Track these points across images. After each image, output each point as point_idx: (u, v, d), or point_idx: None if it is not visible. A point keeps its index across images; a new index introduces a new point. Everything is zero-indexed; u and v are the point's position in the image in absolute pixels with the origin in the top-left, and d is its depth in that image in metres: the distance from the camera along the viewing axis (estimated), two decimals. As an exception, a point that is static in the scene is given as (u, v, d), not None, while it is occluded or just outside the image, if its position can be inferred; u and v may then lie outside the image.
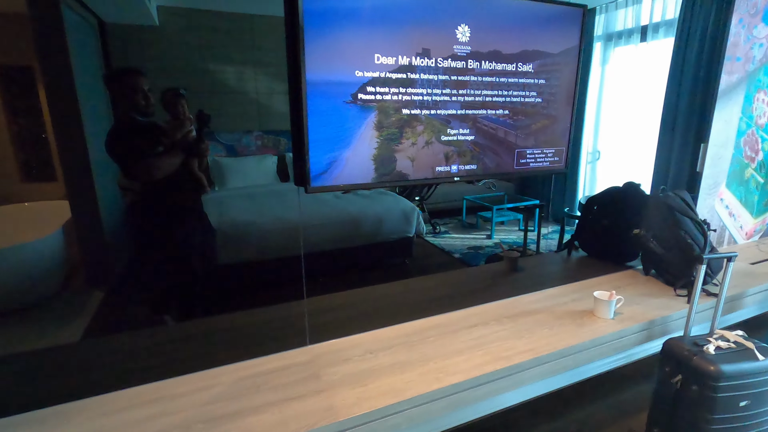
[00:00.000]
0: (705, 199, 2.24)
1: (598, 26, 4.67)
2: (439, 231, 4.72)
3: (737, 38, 2.02)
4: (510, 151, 1.49)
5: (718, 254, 1.53)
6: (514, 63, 1.39)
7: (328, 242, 3.39)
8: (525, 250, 3.10)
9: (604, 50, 4.69)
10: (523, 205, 4.63)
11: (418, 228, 3.86)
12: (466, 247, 4.23)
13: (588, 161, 5.07)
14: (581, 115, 4.91)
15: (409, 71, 1.23)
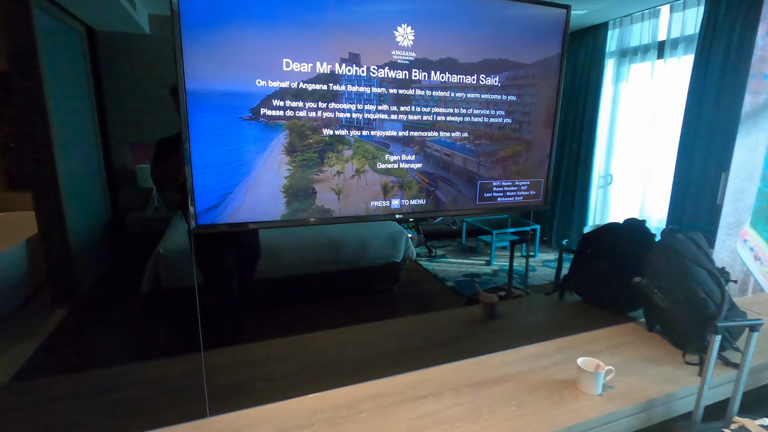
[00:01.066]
0: (725, 240, 1.90)
1: (611, 42, 4.37)
2: (435, 254, 4.41)
3: (764, 52, 1.71)
4: (471, 183, 1.21)
5: (738, 321, 1.20)
6: (475, 74, 1.12)
7: (303, 266, 3.13)
8: (510, 288, 2.78)
9: (618, 67, 4.38)
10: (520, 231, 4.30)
11: (407, 253, 3.57)
12: (461, 274, 3.91)
13: (599, 185, 4.72)
14: (592, 136, 4.59)
15: (331, 81, 0.98)
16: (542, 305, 1.98)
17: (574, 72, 4.79)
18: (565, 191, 4.99)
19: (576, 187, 4.82)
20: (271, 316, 3.01)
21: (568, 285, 1.98)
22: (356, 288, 3.49)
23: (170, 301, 2.91)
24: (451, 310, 1.93)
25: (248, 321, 2.42)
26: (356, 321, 1.59)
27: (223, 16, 0.85)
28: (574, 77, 4.78)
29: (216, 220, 0.92)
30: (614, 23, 4.31)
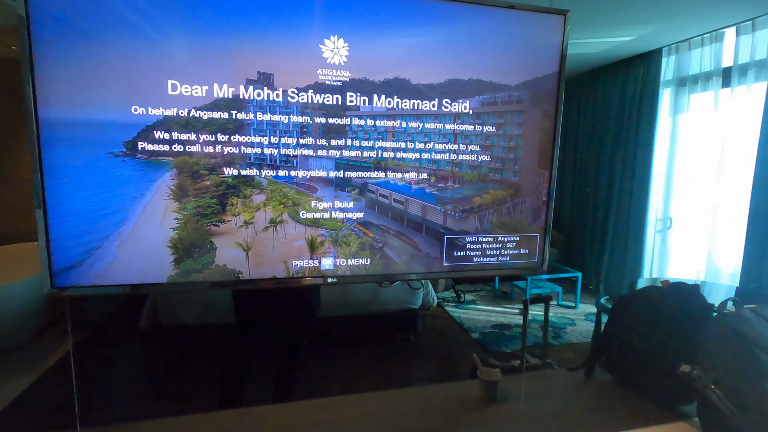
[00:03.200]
0: (816, 316, 1.42)
1: (666, 69, 3.92)
2: (463, 300, 4.02)
3: None
4: (434, 238, 0.93)
5: None
6: (436, 99, 0.86)
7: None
8: (523, 358, 2.34)
9: (676, 97, 3.90)
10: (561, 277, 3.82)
11: (427, 299, 3.24)
12: (490, 325, 3.49)
13: (657, 229, 4.14)
14: (646, 173, 4.07)
15: (234, 108, 0.77)
16: (563, 385, 1.58)
17: (622, 103, 4.35)
18: (616, 235, 4.44)
19: (629, 231, 4.26)
20: (267, 368, 2.78)
21: (598, 360, 1.57)
22: (368, 336, 3.19)
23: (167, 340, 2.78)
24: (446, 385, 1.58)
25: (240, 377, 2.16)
26: (363, 376, 1.30)
27: (86, 25, 0.68)
28: (623, 109, 4.34)
29: (79, 281, 0.73)
30: (669, 49, 3.88)
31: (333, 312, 2.98)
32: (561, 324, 3.55)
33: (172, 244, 0.79)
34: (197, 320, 2.71)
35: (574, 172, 5.12)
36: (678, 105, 3.88)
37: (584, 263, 4.77)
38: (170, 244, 0.79)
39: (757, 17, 2.99)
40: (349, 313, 3.04)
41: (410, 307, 3.16)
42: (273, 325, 1.85)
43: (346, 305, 3.02)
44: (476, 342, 3.23)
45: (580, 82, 4.99)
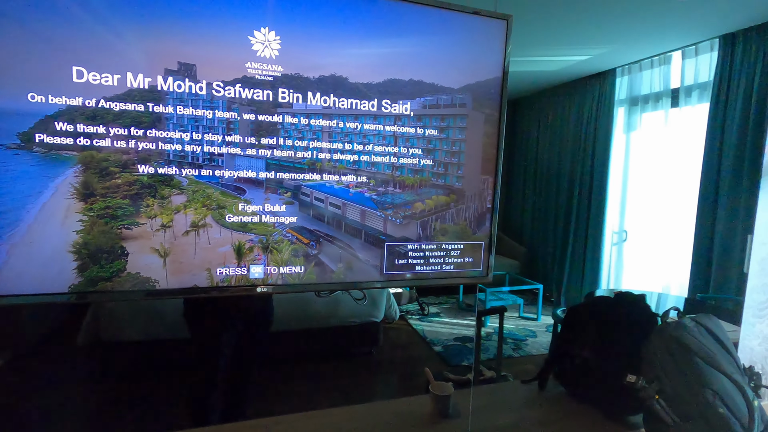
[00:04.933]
0: (754, 324, 1.47)
1: (620, 89, 4.10)
2: (427, 313, 3.99)
3: (788, 90, 1.37)
4: (374, 245, 0.89)
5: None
6: (375, 99, 0.83)
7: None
8: (478, 371, 2.32)
9: (629, 115, 4.08)
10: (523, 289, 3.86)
11: (389, 312, 3.19)
12: (453, 338, 3.47)
13: (614, 242, 4.27)
14: (603, 188, 4.21)
15: (150, 100, 0.71)
16: (516, 398, 1.55)
17: (579, 120, 4.52)
18: (575, 247, 4.55)
19: (587, 244, 4.38)
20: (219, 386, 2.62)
21: (551, 372, 1.56)
22: (328, 351, 3.09)
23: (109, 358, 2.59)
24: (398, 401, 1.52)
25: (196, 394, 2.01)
26: (320, 393, 1.22)
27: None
28: (580, 126, 4.50)
29: (-40, 291, 0.64)
30: (622, 70, 4.06)
31: (291, 326, 2.87)
32: (522, 336, 3.57)
33: (75, 249, 0.70)
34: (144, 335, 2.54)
35: (536, 186, 5.25)
36: (631, 123, 4.06)
37: (546, 275, 4.86)
38: (73, 249, 0.70)
39: (699, 42, 3.18)
40: (308, 327, 2.95)
41: (372, 321, 3.09)
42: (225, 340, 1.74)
43: (305, 318, 2.92)
44: (438, 355, 3.19)
45: (540, 98, 5.15)
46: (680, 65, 3.45)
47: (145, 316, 2.46)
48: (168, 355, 2.53)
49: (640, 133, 3.98)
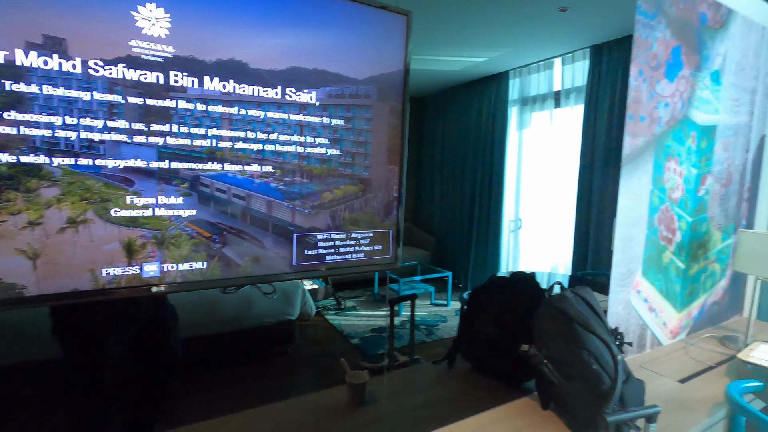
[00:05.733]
0: (619, 292, 1.73)
1: (513, 90, 4.51)
2: (343, 307, 4.00)
3: (639, 93, 1.63)
4: (282, 236, 0.87)
5: (628, 413, 0.94)
6: (279, 87, 0.82)
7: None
8: (392, 356, 2.44)
9: (521, 114, 4.50)
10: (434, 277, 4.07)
11: (305, 309, 3.14)
12: (370, 329, 3.53)
13: (511, 229, 4.70)
14: (500, 180, 4.60)
15: (9, 77, 0.61)
16: (428, 378, 1.65)
17: (479, 118, 4.87)
18: (479, 236, 4.92)
19: (489, 232, 4.76)
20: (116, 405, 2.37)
21: (458, 351, 1.68)
22: (241, 354, 2.95)
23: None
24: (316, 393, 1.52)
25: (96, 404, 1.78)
26: (234, 398, 1.13)
27: None
28: (480, 123, 4.85)
29: None
30: (515, 73, 4.46)
31: (199, 331, 2.69)
32: (434, 321, 3.77)
33: None
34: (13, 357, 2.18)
35: (443, 180, 5.55)
36: (523, 121, 4.48)
37: (455, 263, 5.18)
38: None
39: (575, 51, 3.62)
40: (218, 331, 2.78)
41: (287, 319, 3.02)
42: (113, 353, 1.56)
43: (213, 322, 2.75)
44: (356, 347, 3.23)
45: (446, 95, 5.44)
46: (560, 70, 3.90)
47: (13, 331, 2.11)
48: (44, 380, 2.21)
49: (531, 131, 4.42)
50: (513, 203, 4.66)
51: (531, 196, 4.45)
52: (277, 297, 2.96)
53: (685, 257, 1.96)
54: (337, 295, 4.10)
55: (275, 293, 2.80)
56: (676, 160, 1.83)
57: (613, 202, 3.14)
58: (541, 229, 4.30)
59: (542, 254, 4.28)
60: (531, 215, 4.48)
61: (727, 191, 2.11)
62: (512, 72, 4.47)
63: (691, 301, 2.04)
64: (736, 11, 1.93)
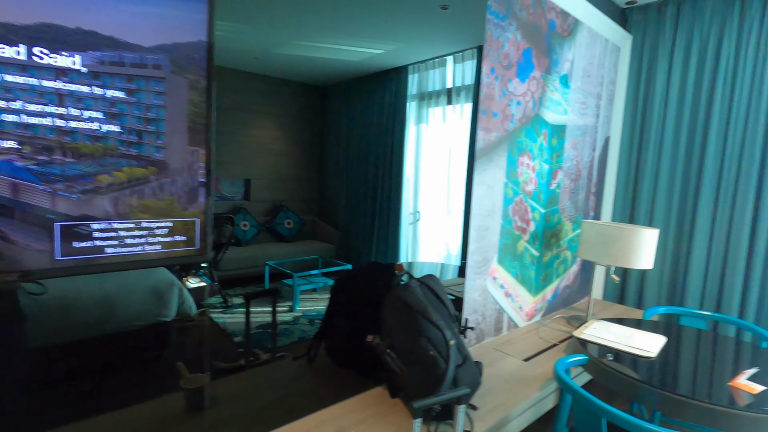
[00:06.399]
0: (475, 280, 1.82)
1: (412, 85, 4.60)
2: (231, 305, 3.79)
3: (491, 90, 1.71)
4: (38, 225, 0.74)
5: (434, 398, 0.96)
6: (21, 45, 0.68)
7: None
8: (254, 354, 2.37)
9: (419, 109, 4.61)
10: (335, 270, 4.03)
11: (184, 308, 2.89)
12: (256, 326, 3.37)
13: (410, 222, 4.82)
14: (400, 174, 4.69)
15: None
16: (286, 375, 1.59)
17: (381, 111, 4.90)
18: (380, 228, 4.97)
19: (389, 225, 4.84)
20: None
21: (319, 346, 1.64)
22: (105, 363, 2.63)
23: None
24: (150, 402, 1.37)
25: None
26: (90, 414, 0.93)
27: None
28: (382, 116, 4.89)
29: None
30: (413, 68, 4.55)
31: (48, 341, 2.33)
32: (329, 314, 3.72)
33: None
34: None
35: (348, 172, 5.52)
36: (421, 116, 4.60)
37: (359, 257, 5.19)
38: None
39: (464, 50, 3.78)
40: (72, 340, 2.44)
41: (161, 321, 2.76)
42: None
43: (66, 329, 2.41)
44: (239, 346, 3.07)
45: (350, 87, 5.40)
46: (452, 68, 4.06)
47: None
48: None
49: (428, 126, 4.55)
50: (412, 196, 4.77)
51: (428, 189, 4.60)
52: (146, 296, 2.69)
53: (539, 245, 2.13)
54: (225, 292, 3.87)
55: (46, 291, 2.49)
56: (529, 155, 1.97)
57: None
58: (437, 221, 4.47)
59: (437, 245, 4.45)
60: (428, 208, 4.64)
61: (576, 185, 2.34)
62: (411, 67, 4.56)
63: (545, 286, 2.24)
64: (582, 22, 2.13)
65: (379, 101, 4.95)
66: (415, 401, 0.89)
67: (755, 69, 2.14)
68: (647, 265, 1.89)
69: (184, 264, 1.36)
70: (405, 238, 4.83)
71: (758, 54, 2.13)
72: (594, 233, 1.96)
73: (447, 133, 4.20)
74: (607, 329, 1.78)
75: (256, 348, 3.01)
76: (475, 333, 1.84)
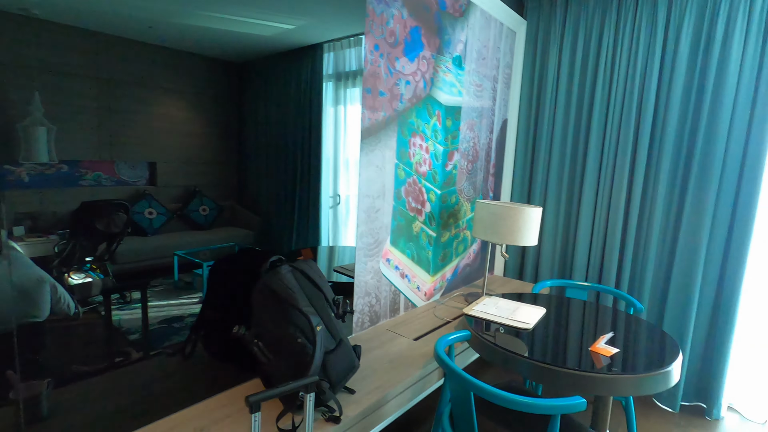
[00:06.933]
0: (366, 262, 1.79)
1: (328, 64, 4.45)
2: (130, 299, 3.47)
3: (376, 68, 1.66)
4: None
5: (272, 391, 0.91)
6: None
7: None
8: (120, 354, 2.20)
9: (336, 90, 4.49)
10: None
11: (60, 307, 2.57)
12: (157, 321, 3.12)
13: (330, 205, 4.74)
14: (318, 157, 4.57)
15: None
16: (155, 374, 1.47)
17: (299, 91, 4.71)
18: (301, 212, 4.83)
19: (310, 209, 4.72)
20: None
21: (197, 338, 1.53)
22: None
23: None
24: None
25: None
26: None
27: None
28: (299, 96, 4.70)
29: None
30: (329, 46, 4.39)
31: None
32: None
33: None
34: None
35: (268, 155, 5.28)
36: (338, 97, 4.49)
37: (280, 242, 5.02)
38: None
39: (376, 30, 3.70)
40: None
41: (30, 322, 2.44)
42: None
43: None
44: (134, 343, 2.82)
45: (266, 65, 5.12)
46: (367, 48, 3.97)
47: None
48: None
49: (345, 107, 4.46)
50: (332, 179, 4.68)
51: (347, 172, 4.53)
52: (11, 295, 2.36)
53: (436, 226, 2.16)
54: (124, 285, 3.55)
55: None
56: (422, 136, 1.96)
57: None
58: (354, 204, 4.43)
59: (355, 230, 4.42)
60: (348, 191, 4.58)
61: (474, 167, 2.40)
62: (326, 45, 4.40)
63: (444, 265, 2.29)
64: (475, 3, 2.14)
65: (296, 81, 4.74)
66: (250, 395, 0.83)
67: (629, 58, 2.31)
68: (532, 242, 1.98)
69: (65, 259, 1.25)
70: (326, 222, 4.75)
71: (632, 44, 2.29)
72: (485, 213, 2.02)
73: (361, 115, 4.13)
74: (496, 304, 1.84)
75: (155, 344, 2.80)
76: (369, 315, 1.83)
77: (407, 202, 1.93)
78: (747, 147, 2.05)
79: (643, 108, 2.27)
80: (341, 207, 4.82)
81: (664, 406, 2.30)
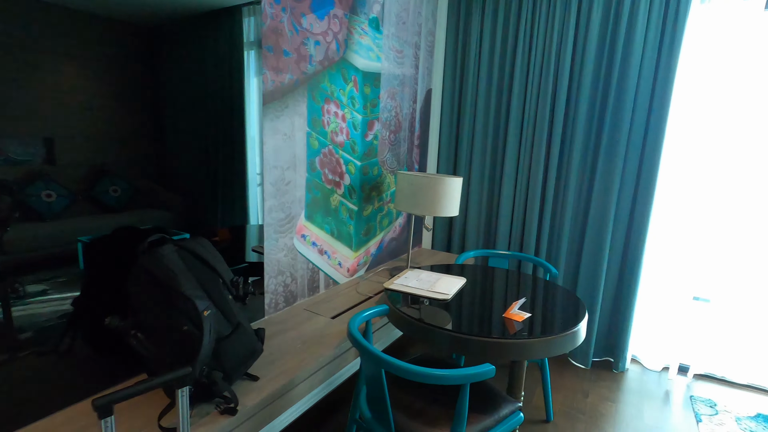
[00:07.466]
0: (278, 239, 1.67)
1: (249, 30, 4.11)
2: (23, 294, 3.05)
3: (277, 23, 1.50)
4: None
5: (121, 392, 0.78)
6: None
7: None
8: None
9: (259, 59, 4.17)
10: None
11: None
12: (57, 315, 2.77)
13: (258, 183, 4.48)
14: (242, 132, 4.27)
15: None
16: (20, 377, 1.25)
17: (215, 61, 4.32)
18: (225, 192, 4.52)
19: (235, 187, 4.42)
20: None
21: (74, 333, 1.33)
22: None
23: None
24: None
25: None
26: None
27: None
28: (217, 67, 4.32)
29: None
30: (249, 10, 4.04)
31: None
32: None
33: None
34: None
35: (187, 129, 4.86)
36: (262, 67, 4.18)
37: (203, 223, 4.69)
38: None
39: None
40: None
41: None
42: None
43: None
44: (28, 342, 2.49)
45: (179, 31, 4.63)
46: (289, 13, 3.70)
47: None
48: None
49: (269, 77, 4.16)
50: (259, 156, 4.40)
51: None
52: None
53: (357, 199, 2.07)
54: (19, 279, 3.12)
55: None
56: (337, 103, 1.84)
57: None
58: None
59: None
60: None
61: (397, 137, 2.32)
62: (246, 9, 4.05)
63: (367, 240, 2.21)
64: (392, -38, 2.01)
65: (212, 48, 4.34)
66: (96, 398, 0.69)
67: (547, 27, 2.32)
68: (454, 213, 1.96)
69: None
70: (254, 200, 4.49)
71: (549, 11, 2.30)
72: (406, 184, 1.95)
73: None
74: (418, 277, 1.80)
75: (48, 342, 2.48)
76: (284, 295, 1.72)
77: (323, 173, 1.81)
78: (649, 118, 2.16)
79: (559, 81, 2.30)
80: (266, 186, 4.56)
81: (578, 363, 2.45)
